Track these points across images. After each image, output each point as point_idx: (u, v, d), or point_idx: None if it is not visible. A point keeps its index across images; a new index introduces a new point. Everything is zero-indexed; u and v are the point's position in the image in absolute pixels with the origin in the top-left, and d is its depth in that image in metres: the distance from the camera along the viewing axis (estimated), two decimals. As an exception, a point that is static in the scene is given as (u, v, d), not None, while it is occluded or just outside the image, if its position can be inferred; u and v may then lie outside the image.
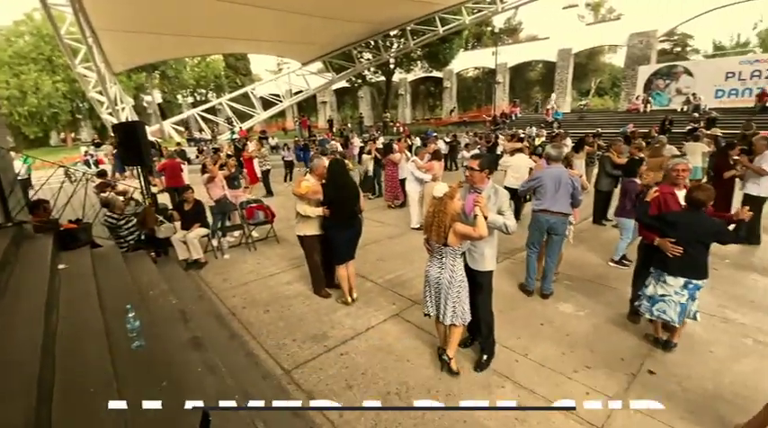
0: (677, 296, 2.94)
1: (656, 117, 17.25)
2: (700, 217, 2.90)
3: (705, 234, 2.87)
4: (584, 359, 3.08)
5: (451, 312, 2.76)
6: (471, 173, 2.85)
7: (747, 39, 31.76)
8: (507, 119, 23.42)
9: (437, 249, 2.73)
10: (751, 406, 2.08)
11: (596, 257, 5.25)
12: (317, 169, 4.01)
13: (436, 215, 2.61)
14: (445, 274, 2.73)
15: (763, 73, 17.17)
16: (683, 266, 2.93)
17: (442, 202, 2.61)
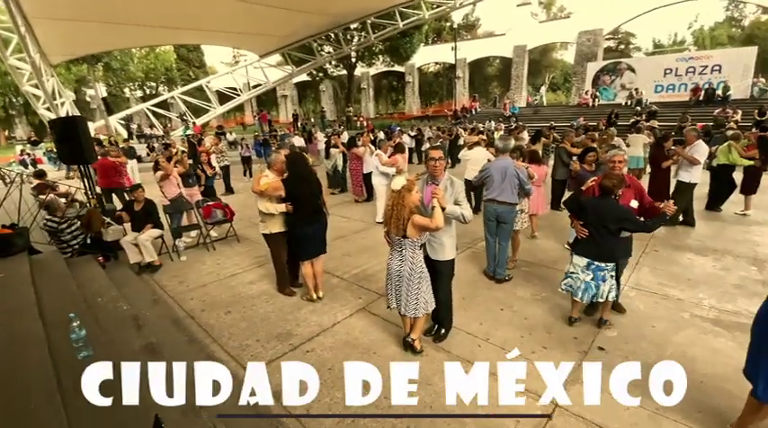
0: (583, 274, 3.19)
1: (603, 110, 18.32)
2: (607, 203, 3.09)
3: (609, 219, 3.05)
4: (541, 340, 3.24)
5: (414, 304, 2.81)
6: (434, 163, 2.88)
7: (683, 37, 34.51)
8: (468, 113, 23.94)
9: (397, 242, 2.76)
10: (689, 375, 2.27)
11: (553, 243, 5.53)
12: (276, 164, 3.91)
13: (395, 208, 2.63)
14: (405, 267, 2.76)
15: (697, 69, 18.69)
16: (587, 247, 3.19)
17: (400, 195, 2.63)
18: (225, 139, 16.30)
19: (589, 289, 3.20)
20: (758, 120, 12.86)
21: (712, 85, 17.47)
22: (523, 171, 4.19)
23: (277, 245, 4.03)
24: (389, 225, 2.73)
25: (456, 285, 4.27)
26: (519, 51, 26.47)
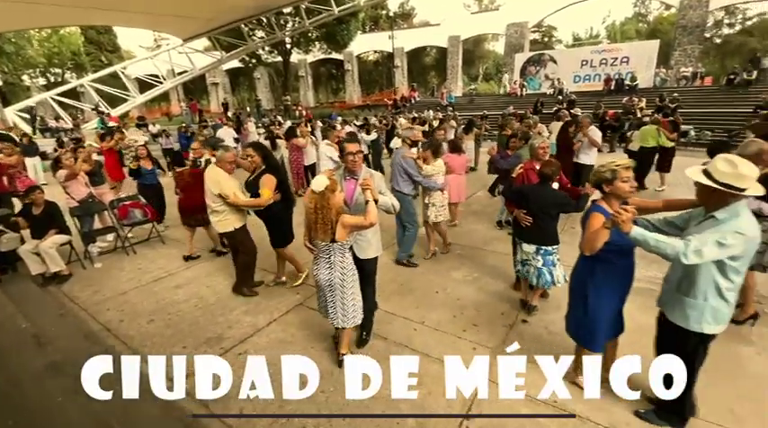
0: (534, 261, 3.32)
1: (530, 99, 19.53)
2: (546, 189, 3.27)
3: (550, 205, 3.21)
4: (472, 318, 3.41)
5: (352, 313, 2.64)
6: (353, 158, 2.73)
7: (598, 31, 37.74)
8: (407, 102, 24.25)
9: (324, 248, 2.53)
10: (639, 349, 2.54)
11: (484, 226, 5.82)
12: (225, 158, 3.68)
13: (319, 211, 2.39)
14: (336, 274, 2.55)
15: (609, 61, 20.54)
16: (533, 234, 3.27)
17: (323, 197, 2.38)
18: (147, 132, 14.91)
19: (542, 275, 3.28)
20: (659, 106, 14.55)
21: (621, 76, 19.35)
22: (409, 162, 4.22)
23: (246, 240, 3.86)
24: (314, 230, 2.47)
25: (395, 272, 4.40)
26: (453, 42, 27.21)
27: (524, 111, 15.40)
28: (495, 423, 2.30)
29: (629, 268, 2.24)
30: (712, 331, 1.94)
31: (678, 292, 2.00)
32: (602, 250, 2.04)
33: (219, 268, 4.61)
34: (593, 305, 2.26)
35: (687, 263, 1.75)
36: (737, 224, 1.75)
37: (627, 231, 1.81)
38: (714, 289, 1.88)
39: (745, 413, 2.31)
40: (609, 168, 2.14)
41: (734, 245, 1.73)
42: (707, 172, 1.83)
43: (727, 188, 1.75)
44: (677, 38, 20.49)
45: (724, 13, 27.62)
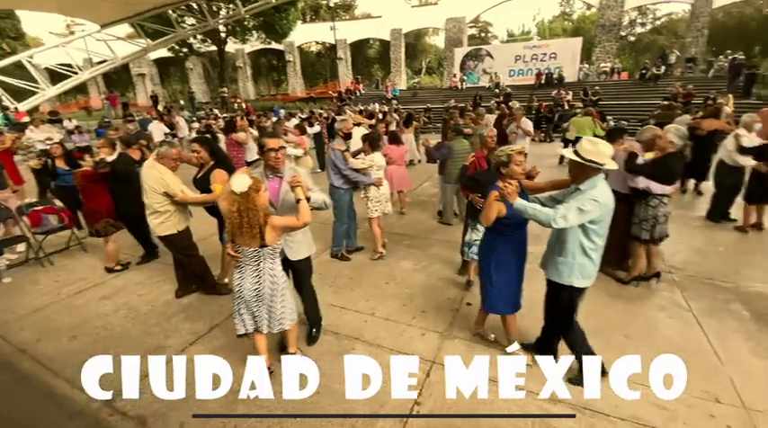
0: (476, 234, 3.55)
1: (470, 93, 20.31)
2: (496, 174, 3.48)
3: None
4: (420, 305, 3.50)
5: (279, 319, 2.45)
6: (276, 155, 2.48)
7: (529, 28, 40.02)
8: (352, 95, 24.07)
9: (252, 255, 2.29)
10: (536, 314, 2.74)
11: (430, 216, 5.99)
12: (169, 155, 3.39)
13: (244, 214, 2.15)
14: (265, 282, 2.34)
15: (539, 56, 21.94)
16: (477, 212, 3.48)
17: (248, 198, 2.14)
18: (62, 128, 13.33)
19: None
20: (583, 99, 15.83)
21: (551, 70, 20.77)
22: (337, 154, 4.20)
23: (190, 243, 3.61)
24: (239, 236, 2.22)
25: (344, 265, 4.38)
26: (395, 35, 27.38)
27: (464, 105, 15.98)
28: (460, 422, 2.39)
29: (523, 240, 2.61)
30: (581, 285, 2.31)
31: (553, 253, 2.39)
32: (501, 225, 2.43)
33: (152, 274, 4.28)
34: (496, 274, 2.57)
35: (556, 226, 2.12)
36: (594, 193, 2.11)
37: (512, 202, 2.18)
38: (580, 248, 2.25)
39: (656, 369, 2.62)
40: (505, 153, 2.43)
41: (591, 211, 2.09)
42: (576, 151, 2.18)
43: (591, 163, 2.12)
44: (597, 35, 22.34)
45: (637, 13, 30.61)
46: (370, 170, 4.28)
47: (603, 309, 3.37)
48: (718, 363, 2.68)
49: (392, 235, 5.17)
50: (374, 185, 4.33)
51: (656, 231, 3.57)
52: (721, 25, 26.13)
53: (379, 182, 4.33)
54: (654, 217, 3.53)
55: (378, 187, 4.36)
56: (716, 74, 17.59)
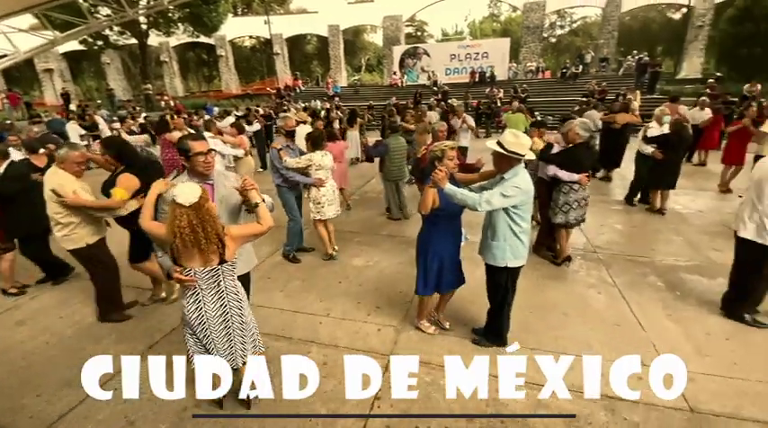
0: None
1: (410, 91, 20.72)
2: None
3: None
4: (374, 302, 3.52)
5: (252, 343, 2.16)
6: (205, 159, 2.15)
7: (462, 28, 41.70)
8: (292, 92, 23.40)
9: (209, 275, 1.94)
10: (483, 300, 2.89)
11: (379, 212, 6.02)
12: (70, 159, 2.99)
13: (199, 228, 1.82)
14: (231, 304, 2.03)
15: (472, 55, 22.98)
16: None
17: (201, 210, 1.83)
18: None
19: None
20: (513, 96, 16.87)
21: (483, 69, 21.87)
22: (273, 152, 4.14)
23: (103, 257, 3.22)
24: (185, 258, 1.89)
25: (296, 267, 4.26)
26: (333, 31, 27.07)
27: (406, 102, 16.28)
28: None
29: (458, 229, 2.79)
30: (515, 264, 2.55)
31: (487, 239, 2.60)
32: (437, 216, 2.57)
33: (74, 292, 3.82)
34: (432, 261, 2.72)
35: (481, 209, 2.34)
36: (516, 181, 2.35)
37: (443, 187, 2.33)
38: (509, 231, 2.48)
39: (594, 342, 2.88)
40: (440, 148, 2.57)
41: (513, 196, 2.33)
42: (500, 143, 2.38)
43: (513, 154, 2.34)
44: (523, 36, 23.93)
45: (557, 16, 33.21)
46: (310, 170, 4.08)
47: (542, 290, 3.65)
48: (641, 330, 3.03)
49: (342, 233, 5.13)
50: (314, 186, 4.14)
51: (570, 216, 3.90)
52: (629, 28, 29.30)
53: (319, 183, 4.10)
54: (566, 202, 3.88)
55: (318, 188, 4.13)
56: (625, 72, 19.71)
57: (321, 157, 4.09)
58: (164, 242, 1.97)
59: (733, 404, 2.31)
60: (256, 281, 3.86)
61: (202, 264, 1.92)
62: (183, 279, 1.90)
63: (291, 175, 4.11)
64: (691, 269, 3.91)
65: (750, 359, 2.67)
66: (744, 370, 2.57)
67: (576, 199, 3.85)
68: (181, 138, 2.23)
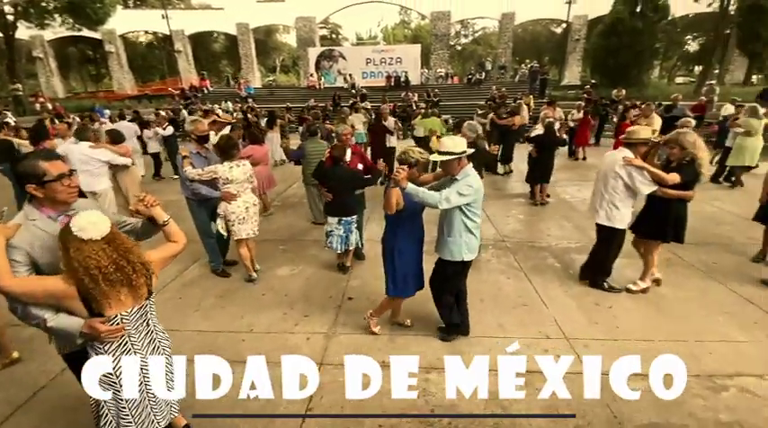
0: (337, 230, 3.87)
1: (329, 93, 20.63)
2: (340, 169, 3.83)
3: (345, 181, 3.80)
4: (302, 310, 3.42)
5: (173, 389, 1.75)
6: (70, 183, 1.65)
7: (376, 33, 42.67)
8: (198, 92, 21.69)
9: (137, 316, 1.63)
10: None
11: (303, 217, 5.88)
12: None
13: (123, 262, 1.51)
14: (163, 344, 1.79)
15: (387, 60, 23.66)
16: (334, 208, 3.85)
17: (117, 238, 1.54)
18: None
19: (344, 240, 3.89)
20: (426, 100, 17.77)
21: (398, 74, 22.67)
22: (178, 159, 3.82)
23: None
24: (116, 297, 1.54)
25: (212, 283, 3.95)
26: (243, 29, 25.73)
27: (325, 104, 16.17)
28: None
29: (420, 228, 2.85)
30: (470, 258, 2.74)
31: (444, 236, 2.74)
32: (401, 217, 2.64)
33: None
34: (398, 260, 2.77)
35: (441, 207, 2.50)
36: (468, 180, 2.55)
37: (404, 187, 2.40)
38: (464, 227, 2.65)
39: (507, 323, 3.17)
40: (416, 157, 2.64)
41: (468, 195, 2.51)
42: (444, 152, 2.54)
43: (462, 153, 2.54)
44: (433, 44, 25.34)
45: (461, 25, 35.76)
46: (218, 182, 3.59)
47: (462, 281, 3.91)
48: (545, 308, 3.41)
49: (264, 242, 4.90)
50: (224, 200, 3.64)
51: None
52: (522, 39, 32.67)
53: (227, 197, 3.59)
54: None
55: (229, 203, 3.62)
56: (520, 79, 22.04)
57: (228, 170, 3.53)
58: (60, 298, 1.49)
59: (617, 362, 2.73)
60: (165, 303, 3.55)
61: (132, 303, 1.60)
62: (112, 330, 1.54)
63: (196, 187, 3.67)
64: (580, 249, 4.51)
65: (628, 322, 3.18)
66: (625, 331, 3.05)
67: None
68: (26, 158, 1.66)
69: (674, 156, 3.27)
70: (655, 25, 18.00)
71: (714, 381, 2.53)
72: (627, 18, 17.64)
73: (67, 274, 1.47)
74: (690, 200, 3.33)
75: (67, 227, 1.46)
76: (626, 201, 3.35)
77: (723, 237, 4.82)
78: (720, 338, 2.95)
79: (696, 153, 3.16)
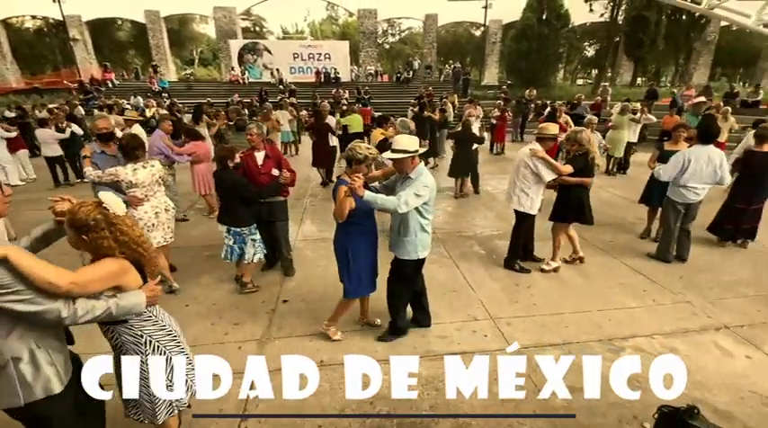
0: (227, 240, 3.51)
1: (254, 88, 19.68)
2: (227, 174, 3.40)
3: (230, 188, 3.38)
4: (232, 318, 3.24)
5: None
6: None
7: (302, 28, 41.54)
8: (101, 86, 19.33)
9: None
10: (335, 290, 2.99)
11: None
12: None
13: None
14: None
15: (315, 56, 23.19)
16: (223, 216, 3.50)
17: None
18: None
19: (234, 251, 3.52)
20: (357, 97, 17.80)
21: (327, 70, 22.37)
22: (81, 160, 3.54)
23: None
24: (152, 261, 1.70)
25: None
26: (152, 17, 23.42)
27: (250, 100, 15.40)
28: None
29: (373, 228, 2.78)
30: (424, 255, 2.77)
31: (399, 235, 2.71)
32: (353, 216, 2.54)
33: None
34: (353, 261, 2.69)
35: (401, 211, 2.44)
36: (423, 180, 2.53)
37: (361, 195, 2.30)
38: (419, 226, 2.65)
39: (439, 309, 3.31)
40: (364, 153, 2.53)
41: (424, 195, 2.50)
42: (396, 150, 2.49)
43: (416, 152, 2.51)
44: (361, 41, 25.40)
45: (387, 24, 36.29)
46: (121, 186, 3.23)
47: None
48: (472, 292, 3.63)
49: (189, 248, 4.57)
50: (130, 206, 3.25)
51: None
52: (445, 40, 34.16)
53: (133, 202, 3.24)
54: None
55: (134, 208, 3.27)
56: (445, 79, 23.03)
57: (131, 172, 3.20)
58: (120, 275, 1.52)
59: (537, 336, 3.00)
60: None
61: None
62: (159, 289, 1.68)
63: (102, 189, 3.33)
64: (501, 236, 4.88)
65: (543, 299, 3.52)
66: (541, 308, 3.37)
67: None
68: None
69: (573, 150, 3.76)
70: (558, 32, 20.00)
71: (614, 344, 2.91)
72: (535, 24, 19.35)
73: (118, 250, 1.51)
74: (588, 186, 3.82)
75: (104, 208, 1.49)
76: (534, 188, 3.73)
77: (616, 218, 5.55)
78: (617, 306, 3.40)
79: (589, 148, 3.66)
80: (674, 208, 4.07)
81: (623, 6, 20.73)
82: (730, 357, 2.77)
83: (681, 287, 3.72)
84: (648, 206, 4.84)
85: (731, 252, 4.50)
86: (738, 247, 4.56)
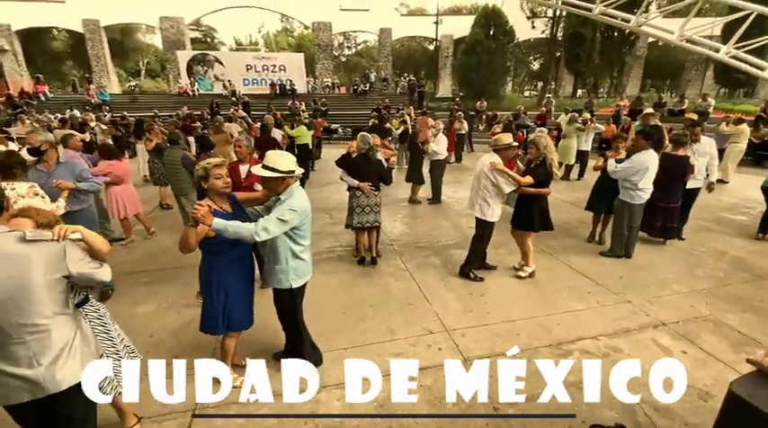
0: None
1: (205, 100, 18.96)
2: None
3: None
4: (171, 350, 2.98)
5: None
6: None
7: (256, 39, 40.85)
8: (33, 99, 17.80)
9: None
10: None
11: (172, 240, 5.19)
12: None
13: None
14: None
15: (270, 67, 22.78)
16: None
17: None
18: None
19: None
20: (314, 109, 17.66)
21: (283, 82, 22.06)
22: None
23: None
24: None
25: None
26: (91, 27, 22.03)
27: (201, 112, 14.83)
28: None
29: (246, 255, 2.47)
30: (298, 285, 2.45)
31: (270, 263, 2.43)
32: (211, 244, 2.21)
33: None
34: (215, 293, 2.36)
35: (259, 239, 2.09)
36: (291, 202, 2.21)
37: (209, 224, 1.96)
38: (291, 253, 2.37)
39: (395, 325, 3.25)
40: (202, 166, 2.23)
41: (291, 220, 2.19)
42: (267, 167, 2.22)
43: (288, 173, 2.23)
44: (317, 53, 25.36)
45: (343, 37, 36.54)
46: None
47: (352, 288, 3.92)
48: (428, 304, 3.61)
49: (124, 275, 4.19)
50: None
51: (354, 220, 4.27)
52: (399, 54, 34.89)
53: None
54: (351, 207, 4.30)
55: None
56: (401, 91, 23.46)
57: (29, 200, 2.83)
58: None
59: (490, 345, 3.01)
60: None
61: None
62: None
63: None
64: (456, 245, 4.93)
65: (496, 307, 3.56)
66: (494, 316, 3.40)
67: (358, 204, 4.22)
68: None
69: (533, 154, 3.85)
70: (505, 47, 21.07)
71: (561, 348, 2.98)
72: (483, 40, 20.28)
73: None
74: (547, 195, 3.95)
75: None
76: (495, 198, 3.82)
77: (563, 223, 5.80)
78: (565, 310, 3.51)
79: (547, 154, 3.76)
80: (628, 209, 4.39)
81: (562, 24, 22.27)
82: (669, 353, 2.93)
83: (621, 287, 3.91)
84: (593, 212, 5.11)
85: (664, 249, 4.84)
86: (666, 245, 4.92)
